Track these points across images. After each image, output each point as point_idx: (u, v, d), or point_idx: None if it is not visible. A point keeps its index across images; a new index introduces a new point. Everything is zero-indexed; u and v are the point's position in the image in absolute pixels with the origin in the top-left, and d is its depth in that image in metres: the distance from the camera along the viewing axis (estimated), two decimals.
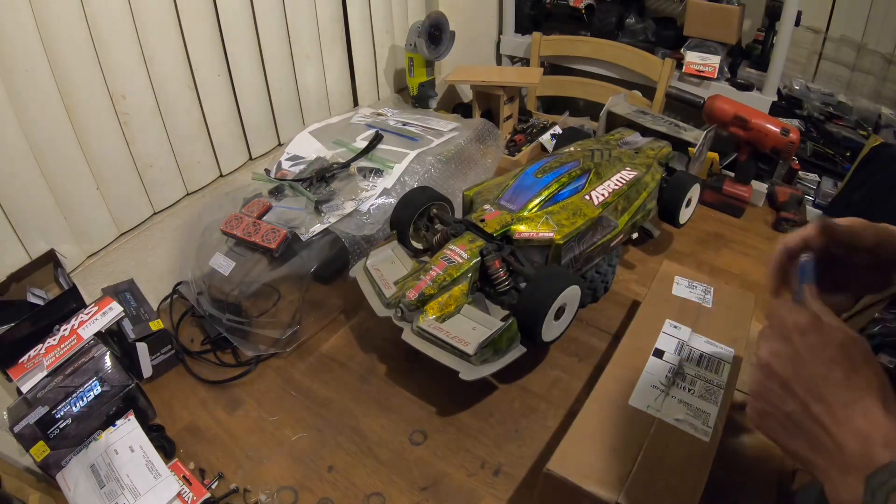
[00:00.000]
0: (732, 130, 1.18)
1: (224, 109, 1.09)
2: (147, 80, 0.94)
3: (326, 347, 0.95)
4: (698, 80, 1.63)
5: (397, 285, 0.85)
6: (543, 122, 1.58)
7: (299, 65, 1.23)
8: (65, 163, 0.86)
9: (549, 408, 0.83)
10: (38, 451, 0.71)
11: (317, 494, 0.73)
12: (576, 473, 0.60)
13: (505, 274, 0.82)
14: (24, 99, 0.78)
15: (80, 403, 0.74)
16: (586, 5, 1.82)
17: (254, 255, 0.93)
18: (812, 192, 1.54)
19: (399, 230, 0.94)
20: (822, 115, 1.67)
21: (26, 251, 0.84)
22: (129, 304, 0.90)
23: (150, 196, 1.01)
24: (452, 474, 0.75)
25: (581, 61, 1.80)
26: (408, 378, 0.88)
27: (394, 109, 1.35)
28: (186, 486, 0.71)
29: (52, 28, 0.79)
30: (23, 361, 0.79)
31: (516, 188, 0.91)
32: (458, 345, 0.76)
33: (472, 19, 1.76)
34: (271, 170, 1.11)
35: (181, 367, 0.91)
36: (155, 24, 0.92)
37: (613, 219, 0.93)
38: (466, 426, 0.81)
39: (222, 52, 1.05)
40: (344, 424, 0.82)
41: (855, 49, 1.73)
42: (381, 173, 1.07)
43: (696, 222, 1.20)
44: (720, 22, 1.59)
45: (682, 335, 0.77)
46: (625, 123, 1.21)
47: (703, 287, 0.86)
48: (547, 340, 0.80)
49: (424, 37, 1.35)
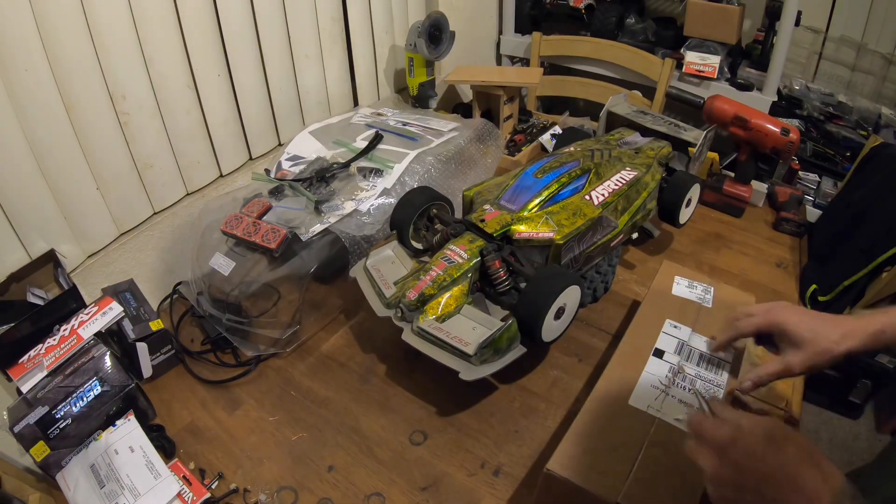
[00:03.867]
0: (732, 130, 1.18)
1: (224, 109, 1.09)
2: (147, 80, 0.94)
3: (326, 347, 0.95)
4: (698, 80, 1.63)
5: (397, 285, 0.85)
6: (543, 122, 1.58)
7: (299, 65, 1.23)
8: (65, 163, 0.86)
9: (549, 408, 0.83)
10: (38, 451, 0.71)
11: (317, 494, 0.73)
12: (576, 473, 0.60)
13: (505, 274, 0.82)
14: (24, 99, 0.78)
15: (80, 403, 0.74)
16: (586, 5, 1.82)
17: (254, 255, 0.93)
18: (812, 192, 1.54)
19: (399, 230, 0.94)
20: (822, 115, 1.68)
21: (26, 251, 0.84)
22: (129, 304, 0.90)
23: (150, 196, 1.01)
24: (452, 474, 0.75)
25: (581, 61, 1.80)
26: (408, 378, 0.88)
27: (394, 109, 1.35)
28: (186, 486, 0.71)
29: (52, 28, 0.79)
30: (23, 361, 0.79)
31: (516, 188, 0.91)
32: (458, 345, 0.76)
33: (472, 19, 1.76)
34: (271, 170, 1.11)
35: (181, 367, 0.91)
36: (155, 24, 0.92)
37: (613, 219, 0.93)
38: (466, 426, 0.81)
39: (222, 52, 1.05)
40: (344, 424, 0.82)
41: (855, 49, 1.73)
42: (381, 173, 1.07)
43: (696, 222, 1.21)
44: (720, 22, 1.60)
45: (682, 335, 0.78)
46: (625, 123, 1.21)
47: (703, 287, 0.87)
48: (547, 340, 0.80)
49: (424, 37, 1.35)
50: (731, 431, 0.50)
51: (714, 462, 0.50)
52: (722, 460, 0.49)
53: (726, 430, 0.50)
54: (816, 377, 1.59)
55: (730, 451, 0.49)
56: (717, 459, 0.49)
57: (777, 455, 0.47)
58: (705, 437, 0.51)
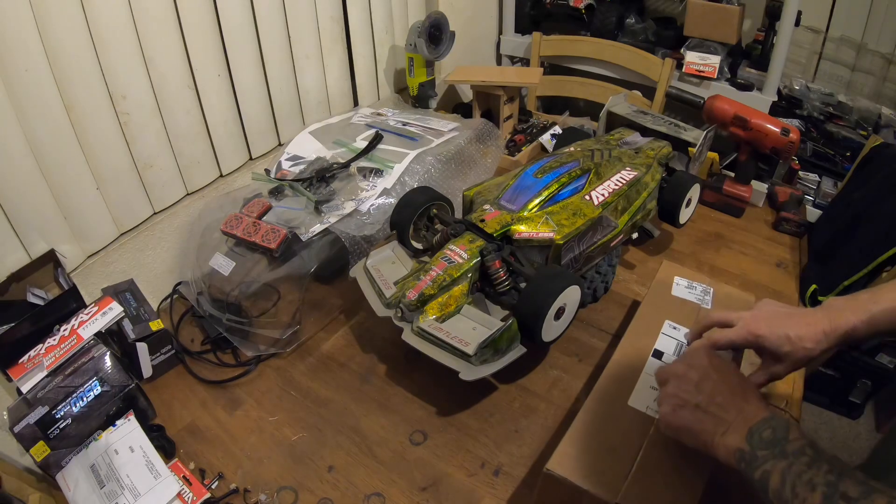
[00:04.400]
0: (732, 130, 1.18)
1: (224, 109, 1.09)
2: (147, 80, 0.94)
3: (326, 347, 0.95)
4: (698, 80, 1.63)
5: (397, 285, 0.85)
6: (543, 122, 1.58)
7: (299, 65, 1.23)
8: (65, 163, 0.86)
9: (549, 408, 0.83)
10: (38, 451, 0.71)
11: (317, 494, 0.73)
12: (575, 473, 0.60)
13: (505, 274, 0.82)
14: (24, 99, 0.78)
15: (80, 403, 0.74)
16: (586, 5, 1.82)
17: (254, 255, 0.93)
18: (812, 192, 1.54)
19: (399, 230, 0.94)
20: (822, 115, 1.68)
21: (26, 251, 0.84)
22: (129, 304, 0.90)
23: (150, 196, 1.01)
24: (452, 474, 0.75)
25: (581, 61, 1.80)
26: (408, 378, 0.88)
27: (394, 109, 1.35)
28: (186, 487, 0.71)
29: (52, 28, 0.79)
30: (23, 361, 0.79)
31: (516, 188, 0.91)
32: (458, 345, 0.76)
33: (472, 19, 1.76)
34: (271, 170, 1.11)
35: (181, 367, 0.91)
36: (155, 24, 0.92)
37: (613, 219, 0.93)
38: (466, 426, 0.81)
39: (222, 52, 1.05)
40: (344, 424, 0.82)
41: (855, 49, 1.74)
42: (381, 173, 1.07)
43: (695, 222, 1.21)
44: (720, 22, 1.60)
45: (682, 336, 0.77)
46: (625, 123, 1.21)
47: (702, 288, 0.87)
48: (547, 340, 0.80)
49: (424, 37, 1.35)
50: (707, 345, 0.64)
51: (686, 363, 0.62)
52: (692, 363, 0.61)
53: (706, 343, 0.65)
54: (816, 377, 1.59)
55: (704, 356, 0.61)
56: (688, 361, 0.62)
57: (737, 375, 0.60)
58: (666, 368, 0.63)
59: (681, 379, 0.60)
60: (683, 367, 0.61)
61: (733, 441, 0.53)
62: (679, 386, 0.60)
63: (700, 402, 0.57)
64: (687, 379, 0.59)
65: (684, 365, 0.61)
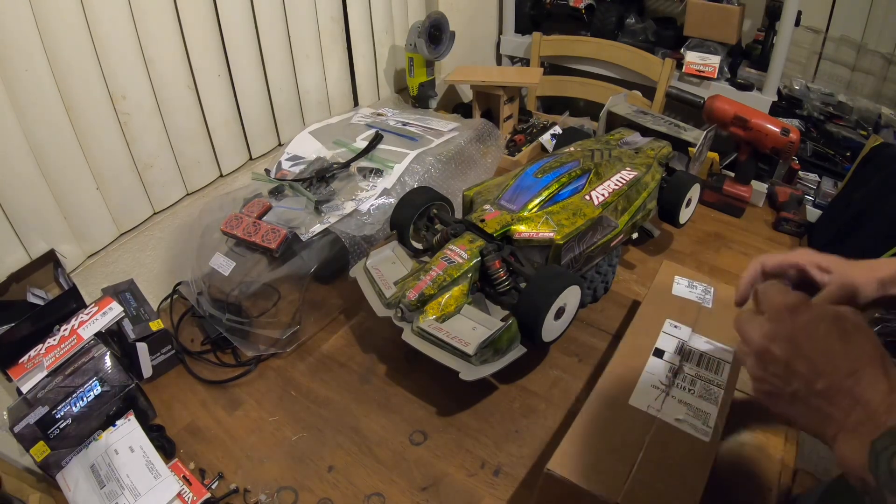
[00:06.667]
0: (732, 130, 1.18)
1: (224, 109, 1.09)
2: (147, 80, 0.94)
3: (326, 347, 0.95)
4: (698, 80, 1.63)
5: (397, 285, 0.85)
6: (543, 122, 1.58)
7: (299, 65, 1.23)
8: (65, 163, 0.86)
9: (549, 408, 0.83)
10: (38, 451, 0.71)
11: (317, 494, 0.73)
12: (576, 473, 0.60)
13: (505, 274, 0.82)
14: (24, 99, 0.78)
15: (80, 403, 0.74)
16: (586, 5, 1.82)
17: (254, 255, 0.93)
18: (812, 192, 1.54)
19: (399, 230, 0.94)
20: (822, 115, 1.68)
21: (26, 251, 0.84)
22: (129, 304, 0.90)
23: (150, 196, 1.01)
24: (452, 474, 0.75)
25: (581, 61, 1.80)
26: (408, 378, 0.88)
27: (394, 109, 1.35)
28: (186, 487, 0.71)
29: (52, 28, 0.79)
30: (23, 361, 0.79)
31: (516, 188, 0.91)
32: (458, 345, 0.76)
33: (472, 19, 1.76)
34: (271, 170, 1.11)
35: (181, 367, 0.91)
36: (155, 24, 0.92)
37: (613, 219, 0.93)
38: (466, 426, 0.81)
39: (222, 52, 1.05)
40: (344, 424, 0.82)
41: (855, 49, 1.73)
42: (381, 173, 1.07)
43: (696, 222, 1.21)
44: (720, 22, 1.60)
45: (682, 335, 0.77)
46: (625, 123, 1.21)
47: (703, 287, 0.86)
48: (547, 340, 0.80)
49: (424, 37, 1.35)
50: (797, 298, 0.43)
51: (768, 328, 0.43)
52: (776, 332, 0.42)
53: (792, 297, 0.43)
54: None
55: (787, 318, 0.42)
56: (770, 330, 0.43)
57: (842, 340, 0.40)
58: (766, 299, 0.44)
59: (763, 358, 0.43)
60: (764, 338, 0.43)
61: (851, 454, 0.38)
62: (764, 368, 0.43)
63: (798, 391, 0.41)
64: (771, 357, 0.42)
65: (764, 335, 0.43)
